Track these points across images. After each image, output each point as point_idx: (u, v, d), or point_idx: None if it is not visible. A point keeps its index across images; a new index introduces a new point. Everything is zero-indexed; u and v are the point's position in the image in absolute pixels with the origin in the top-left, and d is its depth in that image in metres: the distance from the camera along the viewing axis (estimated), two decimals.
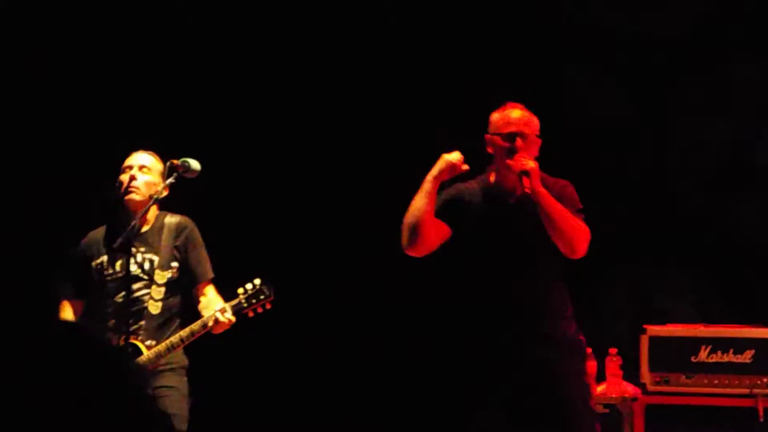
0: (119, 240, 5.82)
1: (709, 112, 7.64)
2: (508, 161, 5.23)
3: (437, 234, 5.33)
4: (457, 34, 7.83)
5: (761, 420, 6.60)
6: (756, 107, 7.63)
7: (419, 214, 5.26)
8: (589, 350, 7.22)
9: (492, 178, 5.41)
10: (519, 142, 5.28)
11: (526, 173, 5.16)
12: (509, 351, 5.27)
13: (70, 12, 7.80)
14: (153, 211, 5.99)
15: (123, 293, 5.84)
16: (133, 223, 5.83)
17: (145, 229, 5.96)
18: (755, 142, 7.62)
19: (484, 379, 5.32)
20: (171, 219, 5.99)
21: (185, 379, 5.90)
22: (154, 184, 5.93)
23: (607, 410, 6.98)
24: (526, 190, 5.15)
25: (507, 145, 5.29)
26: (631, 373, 6.69)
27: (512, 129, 5.31)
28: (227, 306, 5.79)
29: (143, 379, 5.52)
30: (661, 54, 7.66)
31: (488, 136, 5.39)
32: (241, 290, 5.83)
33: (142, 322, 5.81)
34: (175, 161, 5.88)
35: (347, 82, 8.00)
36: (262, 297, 5.83)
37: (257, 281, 5.85)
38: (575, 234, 5.22)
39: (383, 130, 7.94)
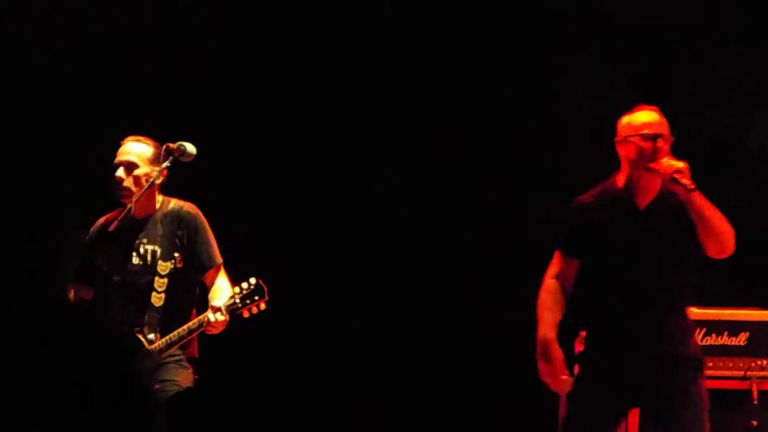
0: (114, 225, 5.80)
1: (707, 99, 7.63)
2: (653, 165, 5.24)
3: (572, 276, 5.39)
4: (454, 28, 7.88)
5: (756, 402, 6.57)
6: (755, 94, 7.61)
7: None
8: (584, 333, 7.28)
9: (620, 183, 5.40)
10: (660, 143, 5.29)
11: (679, 173, 5.18)
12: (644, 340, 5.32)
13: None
14: (156, 199, 5.91)
15: (126, 285, 5.81)
16: (128, 207, 5.79)
17: (147, 217, 5.88)
18: (754, 129, 7.60)
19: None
20: (174, 207, 5.90)
21: (189, 371, 5.83)
22: (146, 174, 5.84)
23: None
24: (688, 186, 5.17)
25: (648, 146, 5.29)
26: None
27: (654, 131, 5.31)
28: (222, 306, 5.69)
29: (145, 373, 5.59)
30: (660, 41, 7.66)
31: (621, 137, 5.38)
32: (236, 289, 5.74)
33: (145, 315, 5.75)
34: (171, 145, 5.86)
35: (349, 75, 8.02)
36: (256, 297, 5.74)
37: (252, 280, 5.76)
38: (726, 232, 5.28)
39: (378, 124, 7.98)
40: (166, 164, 5.85)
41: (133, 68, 7.89)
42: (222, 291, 5.83)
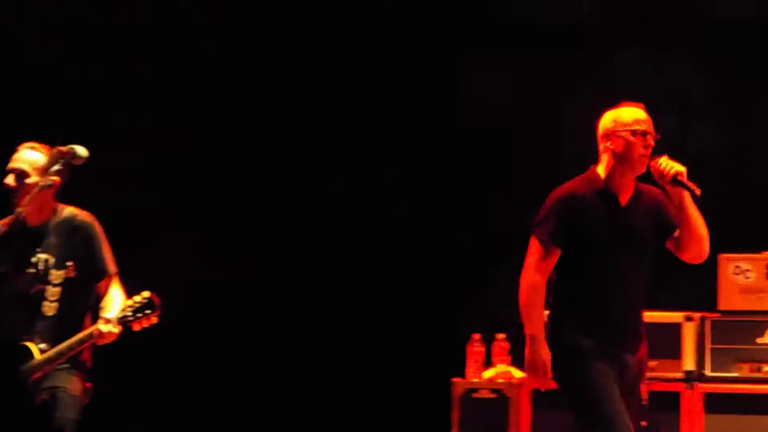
0: (2, 230, 5.66)
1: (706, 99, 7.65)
2: (653, 162, 5.21)
3: (552, 266, 5.37)
4: (454, 28, 7.91)
5: (646, 404, 6.57)
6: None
7: None
8: (479, 336, 7.32)
9: (602, 176, 5.35)
10: (649, 140, 5.26)
11: (680, 174, 5.16)
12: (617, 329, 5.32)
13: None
14: (52, 207, 5.78)
15: (18, 293, 5.71)
16: (18, 211, 5.66)
17: (41, 226, 5.77)
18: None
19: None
20: (68, 215, 5.79)
21: (79, 379, 5.70)
22: (37, 183, 5.66)
23: (494, 395, 7.04)
24: (694, 189, 5.16)
25: (639, 141, 5.24)
26: (518, 357, 6.61)
27: (644, 127, 5.26)
28: (112, 318, 5.59)
29: (32, 383, 5.55)
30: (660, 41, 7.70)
31: (610, 130, 5.29)
32: (129, 302, 5.65)
33: (37, 324, 5.65)
34: (62, 148, 5.69)
35: (349, 75, 8.07)
36: (148, 311, 5.62)
37: (146, 294, 5.65)
38: (707, 239, 5.28)
39: (378, 124, 8.02)
40: (57, 167, 5.68)
41: (133, 68, 7.91)
42: (114, 301, 5.72)
